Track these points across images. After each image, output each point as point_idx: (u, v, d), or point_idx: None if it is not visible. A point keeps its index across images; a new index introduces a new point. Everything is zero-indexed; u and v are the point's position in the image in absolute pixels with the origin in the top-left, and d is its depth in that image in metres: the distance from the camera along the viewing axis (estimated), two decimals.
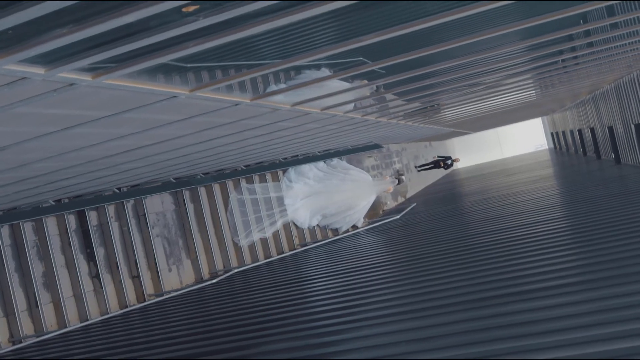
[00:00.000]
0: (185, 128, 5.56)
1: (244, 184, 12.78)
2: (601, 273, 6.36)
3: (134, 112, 4.20)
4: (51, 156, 5.16)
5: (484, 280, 7.07)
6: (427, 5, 3.98)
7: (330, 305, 7.56)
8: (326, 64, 5.37)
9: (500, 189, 19.13)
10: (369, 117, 9.78)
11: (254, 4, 2.68)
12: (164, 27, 2.71)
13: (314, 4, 2.97)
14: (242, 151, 9.38)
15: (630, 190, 12.21)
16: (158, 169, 8.60)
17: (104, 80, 3.21)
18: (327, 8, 3.07)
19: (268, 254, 13.05)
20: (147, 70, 3.46)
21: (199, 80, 4.20)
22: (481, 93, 11.17)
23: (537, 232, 9.49)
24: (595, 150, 24.14)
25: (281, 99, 5.71)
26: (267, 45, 4.08)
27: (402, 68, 5.97)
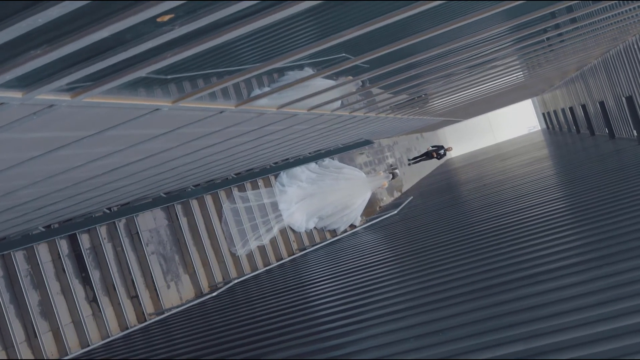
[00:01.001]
0: (171, 141, 5.55)
1: (236, 192, 12.76)
2: (606, 250, 6.38)
3: (117, 129, 4.19)
4: (37, 181, 5.14)
5: (488, 267, 7.09)
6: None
7: (334, 307, 7.56)
8: (309, 63, 5.37)
9: (497, 175, 19.18)
10: (357, 113, 9.79)
11: (229, 9, 2.68)
12: (140, 40, 2.70)
13: (289, 3, 2.97)
14: (231, 159, 9.37)
15: (626, 164, 12.27)
16: (147, 185, 8.58)
17: (83, 99, 3.20)
18: (304, 6, 3.07)
19: (267, 262, 13.04)
20: (127, 85, 3.46)
21: (181, 90, 4.19)
22: (469, 79, 11.20)
23: (538, 214, 9.52)
24: (589, 127, 24.24)
25: (266, 103, 5.70)
26: (247, 49, 4.08)
27: (386, 60, 5.98)
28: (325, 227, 14.91)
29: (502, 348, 4.78)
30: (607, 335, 4.46)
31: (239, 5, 2.70)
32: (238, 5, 2.68)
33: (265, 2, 2.87)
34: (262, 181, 13.51)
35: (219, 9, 2.67)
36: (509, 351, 4.70)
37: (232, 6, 2.68)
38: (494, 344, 4.89)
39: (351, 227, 15.30)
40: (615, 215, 7.76)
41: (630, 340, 4.37)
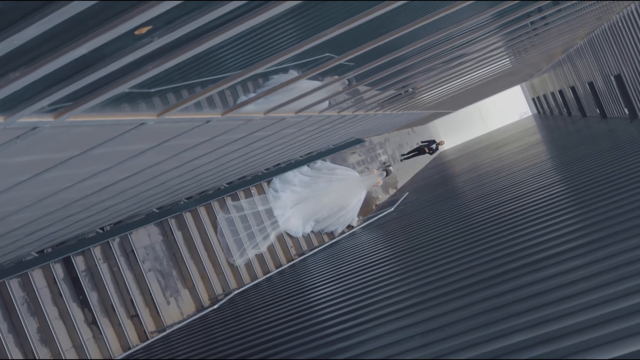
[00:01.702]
0: (159, 155, 5.53)
1: (229, 202, 12.74)
2: (606, 230, 6.41)
3: (103, 147, 4.18)
4: (26, 206, 5.12)
5: (489, 257, 7.10)
6: None
7: (337, 310, 7.56)
8: (293, 66, 5.37)
9: (491, 164, 19.23)
10: (345, 112, 9.79)
11: (207, 16, 2.67)
12: (120, 54, 2.70)
13: (269, 5, 2.97)
14: (222, 169, 9.36)
15: (620, 144, 12.33)
16: (139, 201, 8.55)
17: (67, 119, 3.19)
18: (284, 7, 3.07)
19: (266, 270, 13.02)
20: (110, 101, 3.45)
21: (165, 103, 4.19)
22: (455, 69, 11.23)
23: (535, 200, 9.55)
24: (580, 109, 24.35)
25: (253, 109, 5.70)
26: (230, 56, 4.07)
27: (371, 57, 5.98)
28: (323, 230, 14.91)
29: (509, 338, 4.79)
30: (615, 316, 4.48)
31: (217, 12, 2.69)
32: (216, 12, 2.68)
33: (244, 6, 2.87)
34: (255, 189, 13.50)
35: (198, 17, 2.67)
36: (516, 340, 4.71)
37: (211, 13, 2.68)
38: (500, 334, 4.90)
39: (349, 228, 15.31)
40: (613, 195, 7.79)
41: (638, 320, 4.38)
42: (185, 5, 2.48)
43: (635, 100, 16.40)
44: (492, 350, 4.72)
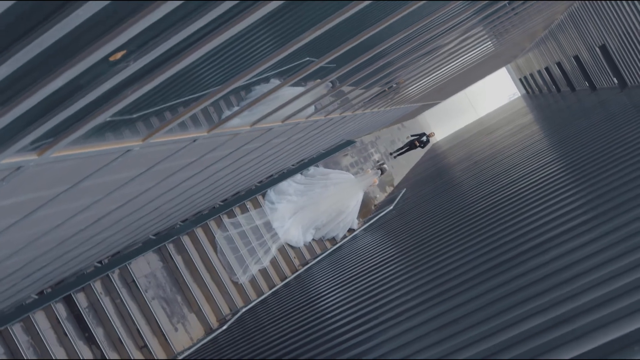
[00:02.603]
0: (149, 180, 5.53)
1: (226, 219, 12.73)
2: (608, 204, 6.43)
3: (91, 179, 4.17)
4: (20, 248, 5.10)
5: (494, 245, 7.12)
6: None
7: (348, 316, 7.55)
8: (274, 74, 5.38)
9: (485, 150, 19.28)
10: (332, 115, 9.81)
11: (180, 34, 2.68)
12: (96, 83, 2.70)
13: (242, 15, 2.98)
14: (214, 187, 9.35)
15: (612, 114, 12.38)
16: (134, 230, 8.54)
17: (51, 155, 3.18)
18: (257, 17, 3.08)
19: (271, 284, 13.00)
20: (93, 132, 3.45)
21: (149, 126, 4.19)
22: (438, 59, 11.27)
23: (534, 181, 9.58)
24: (568, 84, 24.44)
25: (239, 122, 5.71)
26: (209, 71, 4.08)
27: (351, 56, 6.00)
28: (324, 237, 14.90)
29: (524, 323, 4.80)
30: (627, 289, 4.49)
31: (191, 29, 2.70)
32: (190, 28, 2.69)
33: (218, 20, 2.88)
34: (250, 203, 13.49)
35: (171, 36, 2.68)
36: (532, 324, 4.72)
37: (184, 30, 2.69)
38: (514, 321, 4.91)
39: (350, 232, 15.30)
40: (611, 167, 7.82)
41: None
42: (158, 25, 2.48)
43: (623, 68, 16.49)
44: (509, 338, 4.72)
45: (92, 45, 2.32)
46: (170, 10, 2.38)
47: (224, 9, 2.68)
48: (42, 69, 2.32)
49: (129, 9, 2.29)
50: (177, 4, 2.34)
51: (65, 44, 2.21)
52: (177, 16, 2.55)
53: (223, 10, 2.70)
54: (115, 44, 2.35)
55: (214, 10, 2.64)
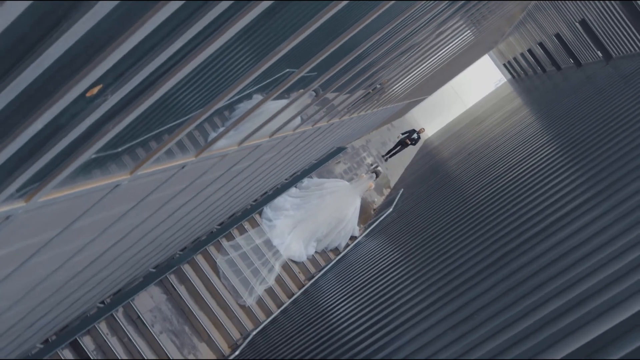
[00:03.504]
0: (141, 213, 5.51)
1: (225, 243, 12.69)
2: (607, 180, 6.44)
3: (83, 219, 4.16)
4: (19, 299, 5.07)
5: (499, 235, 7.12)
6: None
7: (363, 324, 7.53)
8: (256, 90, 5.39)
9: (478, 140, 19.32)
10: (319, 124, 9.82)
11: (156, 61, 2.68)
12: (76, 121, 2.69)
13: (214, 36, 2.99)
14: (209, 212, 9.34)
15: (601, 88, 12.44)
16: (133, 265, 8.51)
17: (39, 200, 3.17)
18: (231, 34, 3.09)
19: (279, 302, 12.96)
20: (79, 171, 3.44)
21: (135, 158, 4.18)
22: (418, 54, 11.31)
23: (531, 166, 9.60)
24: (553, 63, 24.56)
25: (226, 143, 5.70)
26: (189, 95, 4.08)
27: (331, 62, 6.02)
28: (327, 248, 14.88)
29: (539, 311, 4.79)
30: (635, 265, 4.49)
31: (166, 54, 2.70)
32: (165, 54, 2.69)
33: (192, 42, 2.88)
34: (247, 223, 13.46)
35: (147, 63, 2.68)
36: (548, 310, 4.71)
37: (159, 57, 2.69)
38: (529, 309, 4.90)
39: (352, 240, 15.28)
40: (606, 142, 7.84)
41: None
42: (131, 55, 2.48)
43: (606, 41, 16.58)
44: (527, 327, 4.71)
45: (67, 83, 2.31)
46: (143, 39, 2.38)
47: (197, 30, 2.68)
48: (19, 114, 2.31)
49: (100, 42, 2.29)
50: (148, 31, 2.34)
51: (40, 85, 2.21)
52: (150, 43, 2.55)
53: (196, 32, 2.70)
54: (90, 79, 2.35)
55: (186, 33, 2.64)
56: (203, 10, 2.59)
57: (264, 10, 3.07)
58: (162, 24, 2.38)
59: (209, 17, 2.64)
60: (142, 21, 2.28)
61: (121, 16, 2.19)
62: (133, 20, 2.28)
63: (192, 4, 2.45)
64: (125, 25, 2.29)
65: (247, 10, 2.94)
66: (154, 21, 2.31)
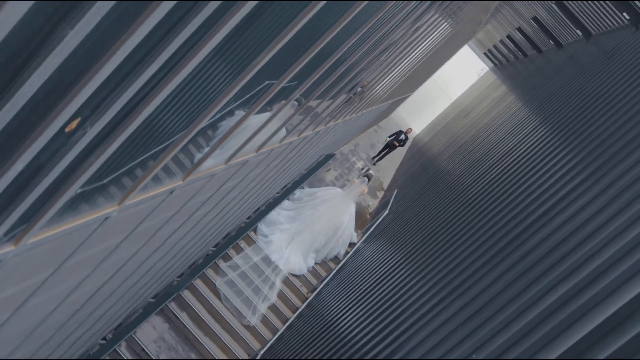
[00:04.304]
0: (134, 243, 5.49)
1: (222, 264, 12.66)
2: (601, 158, 6.47)
3: (75, 256, 4.14)
4: (19, 345, 5.04)
5: (499, 225, 7.13)
6: None
7: (371, 331, 7.51)
8: (237, 106, 5.39)
9: (467, 132, 19.39)
10: (305, 133, 9.83)
11: (132, 88, 2.68)
12: (58, 157, 2.68)
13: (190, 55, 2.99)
14: (202, 234, 9.31)
15: (583, 67, 12.51)
16: (131, 298, 8.46)
17: (28, 241, 3.15)
18: (205, 52, 3.09)
19: (284, 318, 12.92)
20: (66, 208, 3.42)
21: (122, 188, 4.17)
22: (398, 52, 11.35)
23: (523, 152, 9.63)
24: (534, 47, 24.69)
25: (212, 163, 5.70)
26: (170, 118, 4.08)
27: (310, 70, 6.03)
28: (326, 258, 14.86)
29: (549, 296, 4.80)
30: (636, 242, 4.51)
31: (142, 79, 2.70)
32: (140, 80, 2.69)
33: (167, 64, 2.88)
34: (243, 242, 13.44)
35: (124, 91, 2.68)
36: (558, 294, 4.72)
37: (135, 84, 2.68)
38: (539, 296, 4.91)
39: (351, 247, 15.27)
40: (595, 120, 7.89)
41: None
42: (107, 84, 2.48)
43: (584, 19, 16.69)
44: (539, 313, 4.71)
45: (45, 119, 2.31)
46: (116, 67, 2.37)
47: (171, 52, 2.68)
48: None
49: (73, 74, 2.28)
50: (121, 58, 2.34)
51: (17, 124, 2.20)
52: (125, 71, 2.54)
53: (170, 55, 2.70)
54: (67, 113, 2.34)
55: (160, 56, 2.64)
56: (174, 33, 2.59)
57: (236, 26, 3.08)
58: (134, 51, 2.38)
59: (181, 39, 2.65)
60: (114, 50, 2.28)
61: (92, 47, 2.19)
62: (105, 49, 2.28)
63: (162, 28, 2.46)
64: (97, 56, 2.29)
65: (218, 27, 2.95)
66: (125, 49, 2.31)
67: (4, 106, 2.03)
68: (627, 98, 7.51)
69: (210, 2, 2.56)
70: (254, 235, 13.77)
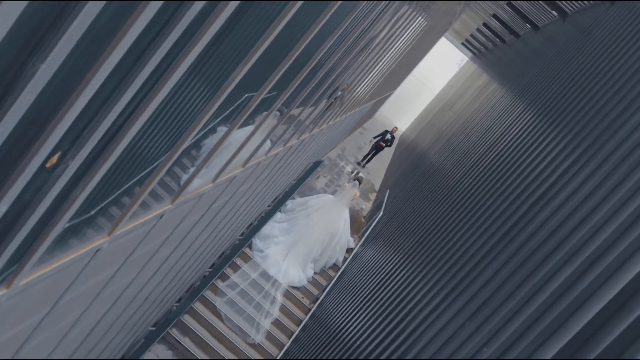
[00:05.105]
0: (128, 273, 5.47)
1: (220, 284, 12.61)
2: (590, 136, 6.51)
3: (70, 292, 4.11)
4: None
5: (496, 214, 7.15)
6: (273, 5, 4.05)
7: (378, 336, 7.50)
8: (218, 122, 5.38)
9: (453, 124, 19.46)
10: (290, 142, 9.83)
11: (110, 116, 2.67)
12: (42, 194, 2.67)
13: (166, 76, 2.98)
14: (197, 256, 9.28)
15: (562, 47, 12.59)
16: (131, 328, 8.42)
17: (20, 283, 3.13)
18: (182, 71, 3.08)
19: (289, 332, 12.88)
20: (55, 244, 3.40)
21: (111, 219, 4.15)
22: (375, 51, 11.39)
23: (512, 138, 9.67)
24: (511, 32, 24.83)
25: (200, 183, 5.68)
26: (152, 142, 4.07)
27: (288, 78, 6.04)
28: (325, 266, 14.84)
29: (555, 279, 4.80)
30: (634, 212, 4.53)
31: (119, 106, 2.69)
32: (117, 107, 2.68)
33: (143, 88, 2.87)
34: (239, 259, 13.40)
35: (102, 120, 2.67)
36: (563, 278, 4.72)
37: (112, 112, 2.67)
38: (544, 280, 4.91)
39: (349, 252, 15.27)
40: (580, 99, 7.93)
41: None
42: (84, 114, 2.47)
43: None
44: (547, 298, 4.71)
45: (25, 157, 2.29)
46: (92, 96, 2.36)
47: (146, 75, 2.68)
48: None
49: (49, 108, 2.27)
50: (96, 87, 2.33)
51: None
52: (101, 99, 2.53)
53: (145, 78, 2.69)
54: (47, 148, 2.33)
55: (136, 80, 2.63)
56: (147, 56, 2.58)
57: (210, 41, 3.08)
58: (108, 77, 2.37)
59: (154, 61, 2.64)
60: (87, 79, 2.27)
61: (65, 79, 2.18)
62: (79, 80, 2.27)
63: (135, 52, 2.45)
64: (71, 87, 2.28)
65: (191, 46, 2.95)
66: (99, 77, 2.30)
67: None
68: (609, 74, 7.56)
69: (180, 22, 2.55)
70: (250, 251, 13.74)
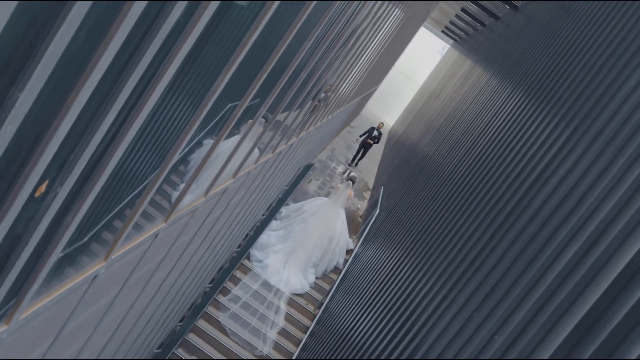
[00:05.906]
0: (128, 296, 5.46)
1: (222, 298, 12.61)
2: (580, 113, 6.54)
3: (71, 321, 4.10)
4: None
5: (494, 200, 7.18)
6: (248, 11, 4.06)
7: (387, 335, 7.52)
8: (204, 135, 5.39)
9: (441, 113, 19.51)
10: (279, 148, 9.85)
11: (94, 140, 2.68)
12: (34, 224, 2.67)
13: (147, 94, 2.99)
14: (196, 272, 9.27)
15: (544, 25, 12.65)
16: (136, 353, 8.40)
17: (20, 318, 3.13)
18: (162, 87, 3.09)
19: (296, 341, 12.88)
20: (52, 274, 3.40)
21: (105, 244, 4.15)
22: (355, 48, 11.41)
23: (502, 121, 9.71)
24: (490, 15, 24.92)
25: (192, 198, 5.69)
26: (139, 162, 4.07)
27: (271, 84, 6.05)
28: (326, 270, 14.85)
29: (559, 261, 4.83)
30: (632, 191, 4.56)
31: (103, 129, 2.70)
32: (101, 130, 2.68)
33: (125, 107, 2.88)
34: (239, 272, 13.39)
35: (86, 145, 2.67)
36: (567, 259, 4.75)
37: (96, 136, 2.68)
38: (548, 264, 4.94)
39: (349, 254, 15.28)
40: (567, 77, 7.97)
41: None
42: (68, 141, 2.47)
43: None
44: (552, 282, 4.73)
45: (12, 189, 2.30)
46: (75, 121, 2.37)
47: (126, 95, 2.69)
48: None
49: (32, 137, 2.28)
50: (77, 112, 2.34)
51: None
52: (83, 123, 2.54)
53: (125, 98, 2.70)
54: (34, 178, 2.33)
55: (117, 101, 2.64)
56: (126, 74, 2.59)
57: (188, 54, 3.09)
58: (89, 100, 2.38)
59: (134, 79, 2.65)
60: (68, 104, 2.28)
61: (45, 105, 2.19)
62: (59, 106, 2.28)
63: (114, 72, 2.46)
64: (53, 113, 2.28)
65: (170, 60, 2.96)
66: (80, 101, 2.30)
67: None
68: (593, 49, 7.61)
69: (156, 38, 2.56)
70: (249, 262, 13.73)
